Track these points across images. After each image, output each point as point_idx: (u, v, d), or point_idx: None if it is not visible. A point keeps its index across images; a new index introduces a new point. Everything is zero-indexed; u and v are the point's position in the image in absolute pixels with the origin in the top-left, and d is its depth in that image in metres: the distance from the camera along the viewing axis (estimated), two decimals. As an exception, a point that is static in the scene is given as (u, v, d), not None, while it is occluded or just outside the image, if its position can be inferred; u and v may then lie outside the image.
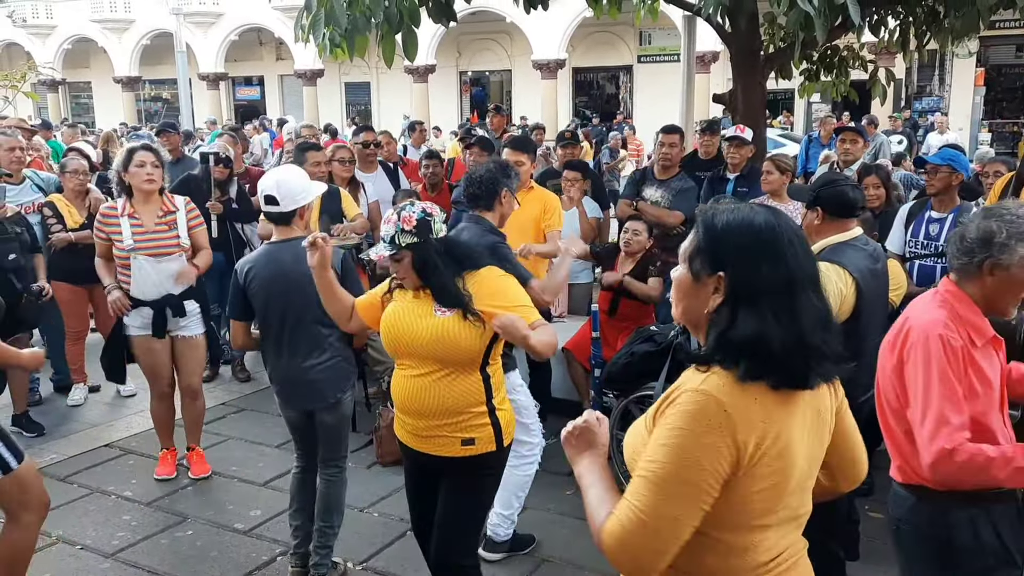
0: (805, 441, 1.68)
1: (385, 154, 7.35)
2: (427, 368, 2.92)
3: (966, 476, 2.28)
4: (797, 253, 1.65)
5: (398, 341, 2.97)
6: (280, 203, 3.56)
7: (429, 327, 2.88)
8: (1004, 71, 26.80)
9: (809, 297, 1.64)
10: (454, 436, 2.95)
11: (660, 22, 9.70)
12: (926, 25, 6.85)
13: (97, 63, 36.55)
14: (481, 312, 2.86)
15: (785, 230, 1.66)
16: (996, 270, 2.34)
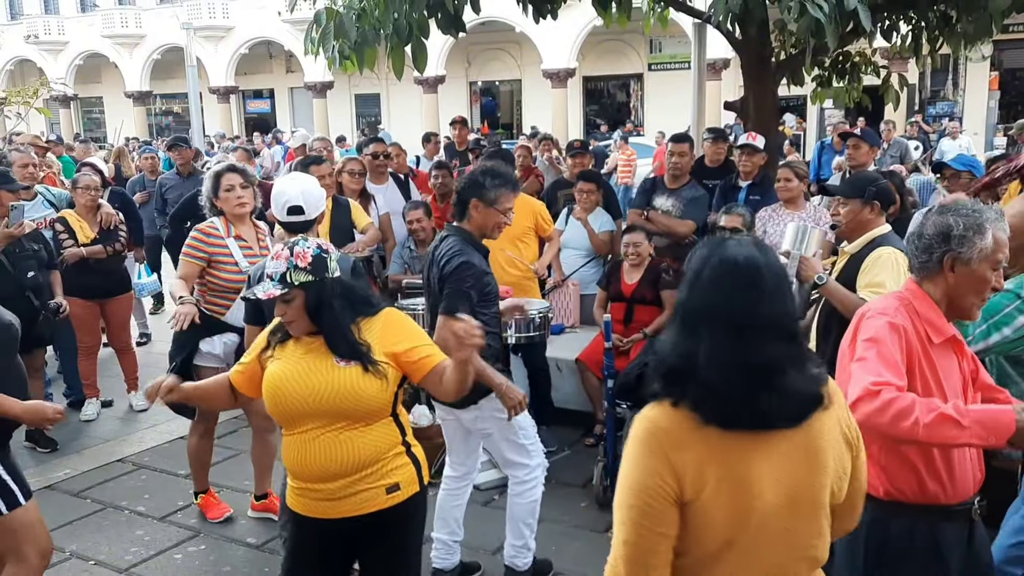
0: (781, 480, 1.64)
1: (395, 165, 7.35)
2: (334, 425, 2.59)
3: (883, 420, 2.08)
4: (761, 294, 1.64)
5: (292, 403, 2.59)
6: (307, 211, 3.61)
7: (330, 381, 2.56)
8: (1019, 74, 26.64)
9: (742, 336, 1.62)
10: (377, 486, 2.64)
11: (670, 30, 9.69)
12: (938, 30, 6.80)
13: (108, 78, 36.86)
14: (385, 359, 2.61)
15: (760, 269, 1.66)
16: (957, 265, 2.28)
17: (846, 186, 3.65)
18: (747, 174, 6.09)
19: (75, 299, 5.80)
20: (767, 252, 1.71)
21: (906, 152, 11.21)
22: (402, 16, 5.71)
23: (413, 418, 5.01)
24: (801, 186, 5.58)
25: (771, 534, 1.65)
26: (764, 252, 1.70)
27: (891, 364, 2.18)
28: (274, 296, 2.57)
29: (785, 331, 1.65)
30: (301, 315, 2.61)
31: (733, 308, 1.63)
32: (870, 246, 3.53)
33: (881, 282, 3.37)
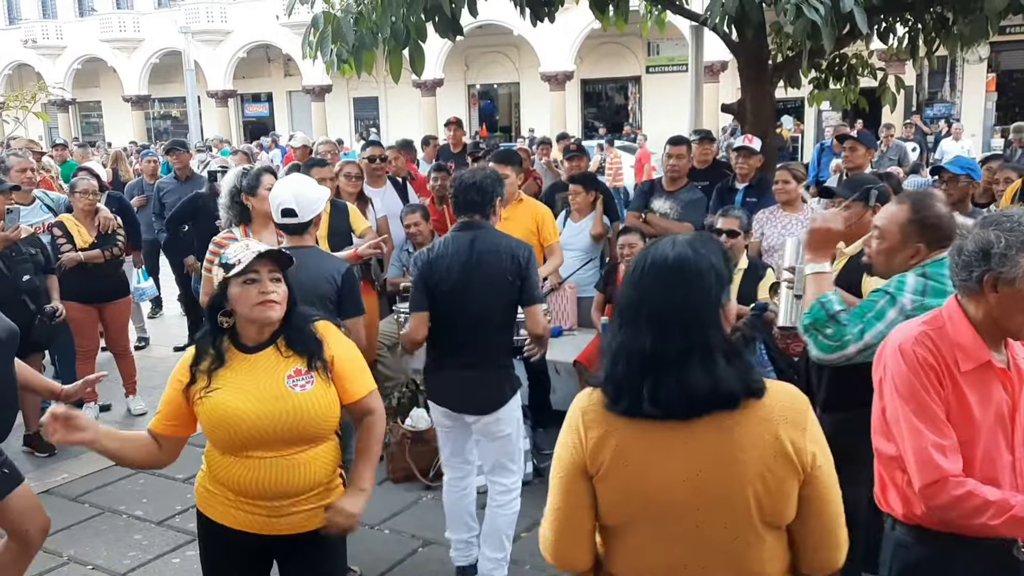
0: (687, 476, 1.69)
1: (393, 169, 7.35)
2: (290, 449, 2.51)
3: (957, 512, 2.05)
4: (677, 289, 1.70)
5: (246, 433, 2.46)
6: (299, 214, 3.59)
7: (290, 409, 2.46)
8: (1016, 76, 26.67)
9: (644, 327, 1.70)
10: (318, 505, 2.59)
11: (668, 32, 9.70)
12: (935, 32, 6.81)
13: (107, 82, 36.88)
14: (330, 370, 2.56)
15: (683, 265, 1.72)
16: (1000, 285, 2.08)
17: (848, 189, 3.65)
18: (744, 176, 6.10)
19: (73, 303, 5.80)
20: (700, 250, 1.74)
21: (904, 155, 11.23)
22: (399, 19, 5.72)
23: (411, 421, 5.02)
24: (799, 188, 5.59)
25: (680, 526, 1.72)
26: (696, 250, 1.73)
27: (932, 419, 2.11)
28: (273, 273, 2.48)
29: (698, 327, 1.68)
30: (285, 301, 2.52)
31: (649, 301, 1.72)
32: (869, 246, 3.53)
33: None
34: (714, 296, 1.71)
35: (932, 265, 2.75)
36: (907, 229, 2.75)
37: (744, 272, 4.90)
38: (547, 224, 5.48)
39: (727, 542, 1.71)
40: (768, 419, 1.68)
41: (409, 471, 4.95)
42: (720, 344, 1.69)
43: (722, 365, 1.67)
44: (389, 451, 5.07)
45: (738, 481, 1.68)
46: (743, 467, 1.68)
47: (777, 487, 1.68)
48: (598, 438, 1.73)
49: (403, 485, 4.95)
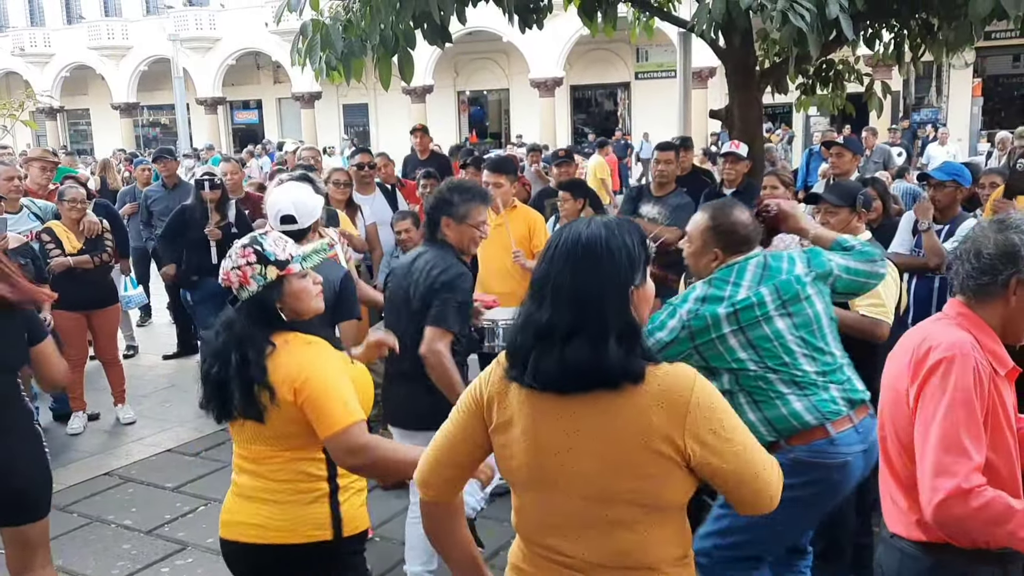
0: (559, 451, 1.74)
1: (383, 176, 7.36)
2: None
3: (974, 524, 1.94)
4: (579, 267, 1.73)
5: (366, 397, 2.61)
6: (299, 221, 3.59)
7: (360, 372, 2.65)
8: (1001, 81, 26.90)
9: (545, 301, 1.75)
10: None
11: (656, 39, 9.74)
12: (920, 37, 6.86)
13: (95, 90, 36.78)
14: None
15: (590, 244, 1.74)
16: (1019, 288, 2.07)
17: (835, 195, 3.68)
18: (731, 182, 6.12)
19: (61, 312, 5.77)
20: (614, 231, 1.76)
21: (889, 158, 11.28)
22: (388, 27, 5.73)
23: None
24: (787, 193, 5.61)
25: (557, 494, 1.78)
26: (610, 231, 1.75)
27: (975, 432, 1.97)
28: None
29: (596, 306, 1.70)
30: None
31: (554, 277, 1.75)
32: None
33: (877, 293, 3.39)
34: (620, 277, 1.73)
35: (722, 271, 2.90)
36: (706, 235, 2.95)
37: (732, 277, 4.92)
38: (539, 231, 5.50)
39: (600, 518, 1.74)
40: (644, 405, 1.69)
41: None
42: (617, 326, 1.70)
43: (611, 346, 1.68)
44: (379, 458, 5.05)
45: (609, 461, 1.71)
46: (614, 448, 1.70)
47: (649, 472, 1.70)
48: (493, 395, 1.84)
49: (393, 492, 4.93)
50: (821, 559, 3.69)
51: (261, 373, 2.33)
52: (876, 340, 3.42)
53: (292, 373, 2.35)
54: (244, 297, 2.41)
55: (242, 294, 2.41)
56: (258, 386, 2.33)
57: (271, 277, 2.39)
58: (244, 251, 2.40)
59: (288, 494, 2.44)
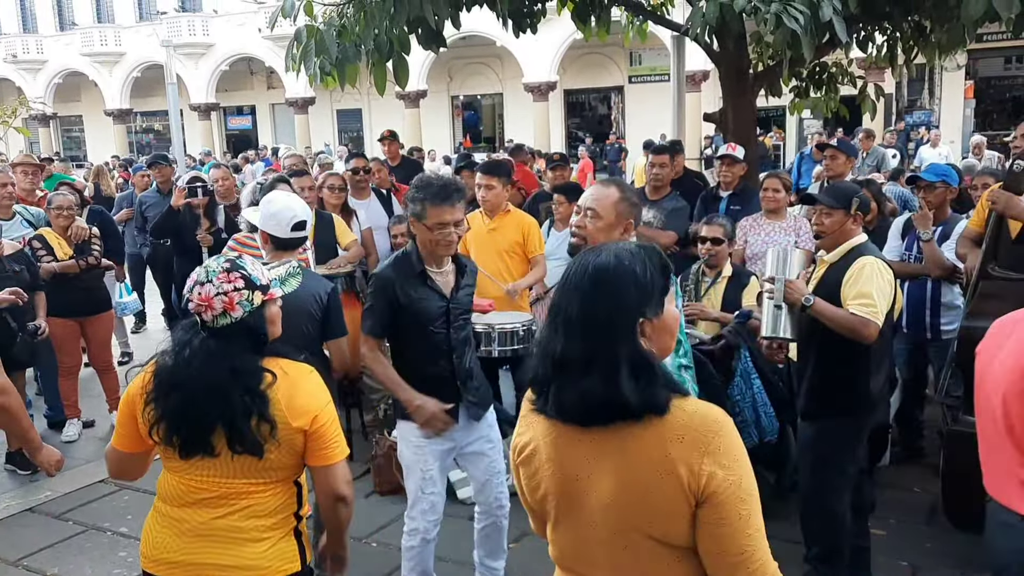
0: (580, 479, 1.71)
1: (377, 180, 7.35)
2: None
3: None
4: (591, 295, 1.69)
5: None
6: (306, 228, 3.65)
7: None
8: (993, 83, 27.00)
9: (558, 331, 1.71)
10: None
11: (650, 42, 9.75)
12: (913, 40, 6.88)
13: (88, 96, 36.72)
14: None
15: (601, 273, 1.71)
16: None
17: (831, 197, 3.67)
18: (727, 184, 6.13)
19: (55, 318, 5.75)
20: (624, 260, 1.72)
21: (883, 161, 11.32)
22: (383, 32, 5.72)
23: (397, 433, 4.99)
24: (788, 197, 5.63)
25: (578, 523, 1.76)
26: (619, 260, 1.71)
27: None
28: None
29: (605, 336, 1.67)
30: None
31: (566, 306, 1.72)
32: (849, 256, 3.56)
33: (868, 292, 3.39)
34: (629, 307, 1.68)
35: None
36: (619, 207, 3.01)
37: (728, 280, 4.93)
38: (533, 235, 5.49)
39: (617, 549, 1.71)
40: (664, 437, 1.64)
41: (396, 483, 4.92)
42: (628, 356, 1.66)
43: (624, 377, 1.64)
44: (376, 463, 5.05)
45: (627, 491, 1.67)
46: (632, 477, 1.66)
47: (662, 506, 1.65)
48: (522, 428, 1.84)
49: (390, 498, 4.93)
50: (819, 561, 3.70)
51: (265, 405, 2.25)
52: (863, 340, 3.40)
53: (311, 404, 2.33)
54: (222, 323, 2.29)
55: (220, 320, 2.29)
56: (258, 418, 2.24)
57: (257, 303, 2.32)
58: (230, 276, 2.30)
59: (273, 529, 2.36)
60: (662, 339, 1.74)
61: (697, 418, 1.65)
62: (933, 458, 5.00)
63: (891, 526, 4.36)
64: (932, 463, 4.90)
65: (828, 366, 3.57)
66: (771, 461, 4.64)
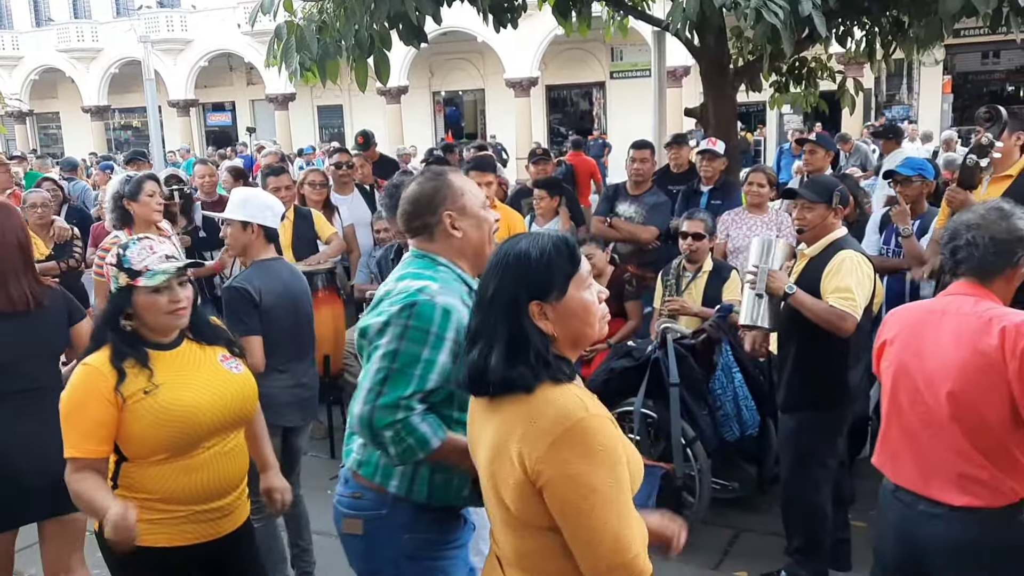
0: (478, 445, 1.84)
1: (360, 176, 7.31)
2: (230, 436, 2.59)
3: None
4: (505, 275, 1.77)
5: (203, 427, 2.45)
6: (261, 219, 3.66)
7: (234, 391, 2.56)
8: (971, 78, 27.22)
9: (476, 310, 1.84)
10: (245, 496, 2.71)
11: (631, 38, 9.76)
12: (891, 35, 6.92)
13: (65, 93, 36.32)
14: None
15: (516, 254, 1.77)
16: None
17: (811, 190, 3.69)
18: (708, 179, 6.15)
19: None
20: (521, 243, 1.78)
21: (866, 158, 11.39)
22: (363, 28, 5.69)
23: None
24: (771, 192, 5.66)
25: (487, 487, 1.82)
26: (522, 245, 1.78)
27: None
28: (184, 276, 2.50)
29: (492, 315, 1.75)
30: (191, 304, 2.54)
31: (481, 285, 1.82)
32: (830, 249, 3.58)
33: (848, 286, 3.41)
34: (516, 288, 1.74)
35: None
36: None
37: (708, 274, 4.95)
38: (519, 231, 5.49)
39: (496, 515, 1.81)
40: (521, 415, 1.69)
41: (379, 480, 4.91)
42: (508, 334, 1.72)
43: (497, 353, 1.72)
44: (358, 460, 5.03)
45: (491, 463, 1.76)
46: (495, 450, 1.74)
47: (512, 485, 1.70)
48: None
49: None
50: (801, 553, 3.72)
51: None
52: (840, 333, 3.43)
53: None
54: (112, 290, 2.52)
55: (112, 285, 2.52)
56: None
57: (121, 283, 2.46)
58: (111, 250, 2.55)
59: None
60: (569, 324, 1.77)
61: (553, 408, 1.68)
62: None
63: (871, 517, 4.37)
64: (911, 455, 4.94)
65: (808, 359, 3.59)
66: (752, 454, 4.67)
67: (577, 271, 1.78)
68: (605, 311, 1.84)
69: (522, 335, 1.72)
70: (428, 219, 2.37)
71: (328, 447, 5.45)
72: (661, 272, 5.18)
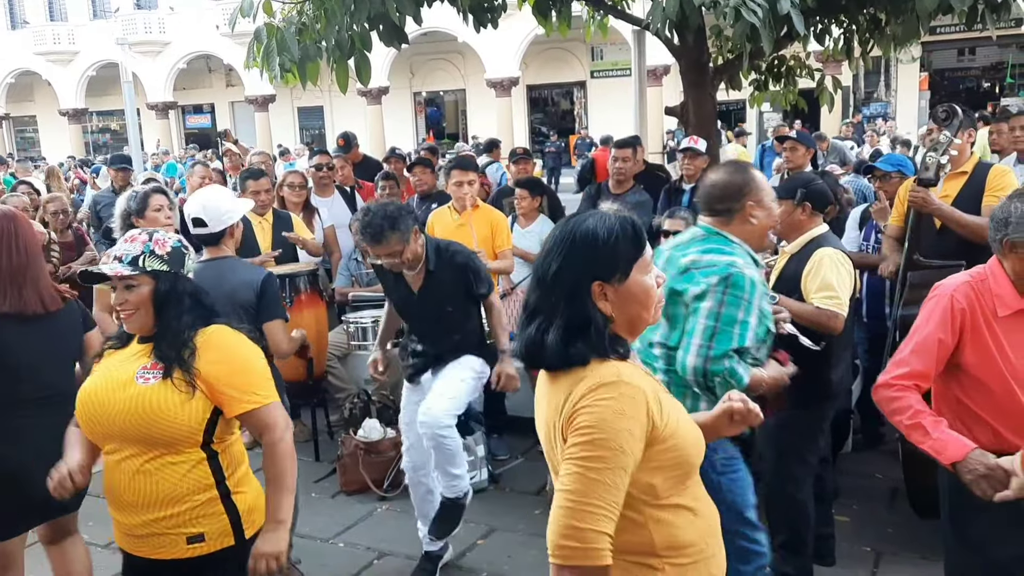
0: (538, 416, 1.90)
1: (341, 178, 7.29)
2: (130, 451, 2.38)
3: (888, 411, 2.65)
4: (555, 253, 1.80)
5: (92, 420, 2.41)
6: (208, 224, 3.59)
7: (124, 399, 2.35)
8: (947, 75, 27.51)
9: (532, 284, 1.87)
10: (177, 532, 2.40)
11: (611, 37, 9.78)
12: (869, 33, 6.97)
13: (42, 96, 36.01)
14: (202, 382, 2.38)
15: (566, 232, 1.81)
16: (1016, 248, 2.51)
17: (780, 187, 3.72)
18: (690, 177, 6.17)
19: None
20: (592, 224, 1.78)
21: (844, 155, 11.47)
22: (343, 29, 5.67)
23: (364, 432, 4.97)
24: None
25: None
26: (589, 223, 1.78)
27: (922, 347, 2.61)
28: (120, 276, 2.38)
29: (551, 292, 1.76)
30: (145, 307, 2.41)
31: (538, 260, 1.83)
32: (809, 247, 3.60)
33: (830, 285, 3.43)
34: (581, 267, 1.74)
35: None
36: None
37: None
38: (501, 230, 5.48)
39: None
40: (573, 381, 1.73)
41: (363, 482, 4.90)
42: (568, 312, 1.73)
43: (556, 329, 1.73)
44: (342, 462, 5.02)
45: (547, 439, 1.81)
46: (547, 429, 1.80)
47: (559, 451, 1.74)
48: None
49: (356, 497, 4.90)
50: (784, 549, 3.74)
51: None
52: (830, 332, 3.45)
53: None
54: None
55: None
56: None
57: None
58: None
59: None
60: (627, 307, 1.78)
61: (598, 373, 1.71)
62: (893, 444, 5.08)
63: (854, 512, 4.43)
64: (892, 449, 4.98)
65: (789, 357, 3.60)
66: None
67: (642, 255, 1.79)
68: (662, 296, 1.86)
69: (583, 315, 1.73)
70: (732, 204, 2.90)
71: (312, 449, 5.42)
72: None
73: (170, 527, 2.39)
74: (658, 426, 1.71)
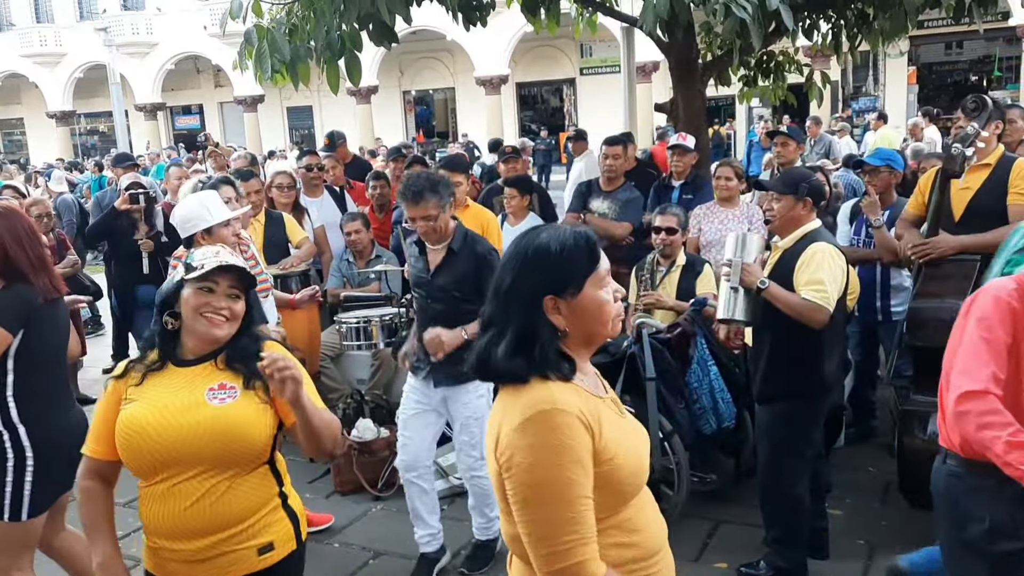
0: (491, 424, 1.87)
1: (331, 178, 7.27)
2: (204, 473, 2.27)
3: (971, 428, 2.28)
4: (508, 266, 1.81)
5: (148, 451, 2.25)
6: (180, 231, 3.78)
7: (199, 422, 2.24)
8: (935, 68, 27.62)
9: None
10: (248, 546, 2.32)
11: (600, 34, 9.79)
12: (857, 27, 7.00)
13: (29, 98, 35.79)
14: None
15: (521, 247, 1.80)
16: None
17: (780, 182, 3.72)
18: (680, 174, 6.18)
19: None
20: (546, 239, 1.77)
21: (831, 148, 11.51)
22: (333, 30, 5.65)
23: (357, 432, 4.97)
24: (740, 185, 5.69)
25: None
26: (542, 238, 1.78)
27: (997, 352, 2.35)
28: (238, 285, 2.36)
29: (501, 306, 1.77)
30: (238, 319, 2.36)
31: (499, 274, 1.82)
32: (803, 242, 3.61)
33: (820, 279, 3.44)
34: (532, 281, 1.74)
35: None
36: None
37: (682, 269, 4.97)
38: (492, 230, 5.47)
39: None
40: (505, 406, 1.73)
41: (357, 482, 4.90)
42: (518, 326, 1.73)
43: (505, 343, 1.73)
44: (336, 463, 5.01)
45: (490, 448, 1.78)
46: (491, 441, 1.77)
47: (495, 468, 1.75)
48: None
49: (351, 497, 4.90)
50: (779, 543, 3.75)
51: None
52: (813, 325, 3.45)
53: None
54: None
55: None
56: None
57: (177, 277, 2.42)
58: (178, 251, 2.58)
59: None
60: (582, 322, 1.77)
61: (528, 397, 1.69)
62: (884, 438, 5.11)
63: (847, 506, 4.45)
64: (885, 443, 5.01)
65: (783, 351, 3.62)
66: (730, 447, 4.70)
67: (595, 269, 1.77)
68: (620, 310, 1.84)
69: (531, 329, 1.73)
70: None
71: (306, 450, 5.41)
72: (635, 267, 5.20)
73: (241, 542, 2.32)
74: (597, 447, 1.70)
